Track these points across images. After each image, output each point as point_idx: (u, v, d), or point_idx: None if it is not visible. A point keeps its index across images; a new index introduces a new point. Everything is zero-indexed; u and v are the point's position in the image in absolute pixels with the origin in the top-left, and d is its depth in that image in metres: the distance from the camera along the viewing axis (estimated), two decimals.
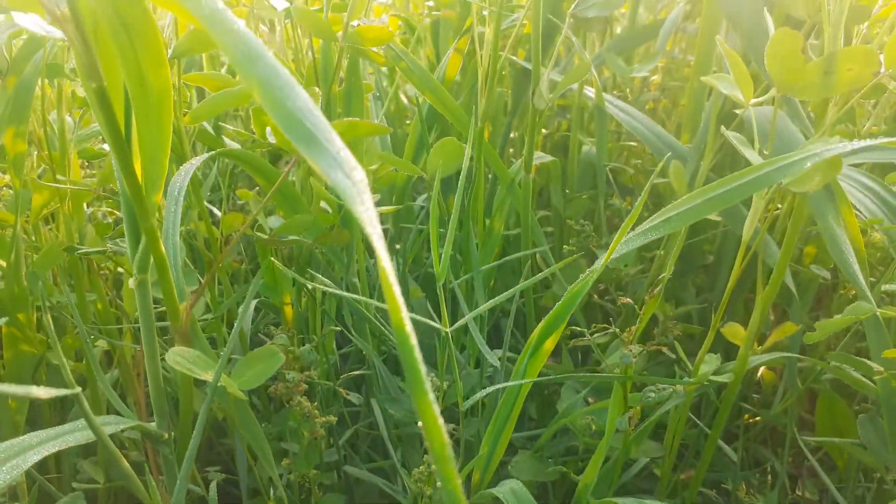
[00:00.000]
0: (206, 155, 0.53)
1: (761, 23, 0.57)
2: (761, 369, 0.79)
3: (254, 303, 0.81)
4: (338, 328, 0.63)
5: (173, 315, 0.44)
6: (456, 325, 0.48)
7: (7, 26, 0.54)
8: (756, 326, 0.52)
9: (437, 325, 0.47)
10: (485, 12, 0.61)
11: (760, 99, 0.47)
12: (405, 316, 0.21)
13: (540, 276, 0.50)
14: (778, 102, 0.46)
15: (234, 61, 0.27)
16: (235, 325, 0.47)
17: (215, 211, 0.83)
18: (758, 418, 0.77)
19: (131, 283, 0.43)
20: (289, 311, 0.81)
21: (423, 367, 0.23)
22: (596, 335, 0.56)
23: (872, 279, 0.69)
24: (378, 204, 0.82)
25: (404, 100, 1.07)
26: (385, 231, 0.85)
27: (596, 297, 0.83)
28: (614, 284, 0.76)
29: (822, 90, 0.43)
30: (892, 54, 0.42)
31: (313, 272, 0.78)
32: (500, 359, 0.65)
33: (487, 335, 0.73)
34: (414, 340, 0.21)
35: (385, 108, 0.73)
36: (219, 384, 0.42)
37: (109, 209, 0.86)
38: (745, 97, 0.45)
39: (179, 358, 0.41)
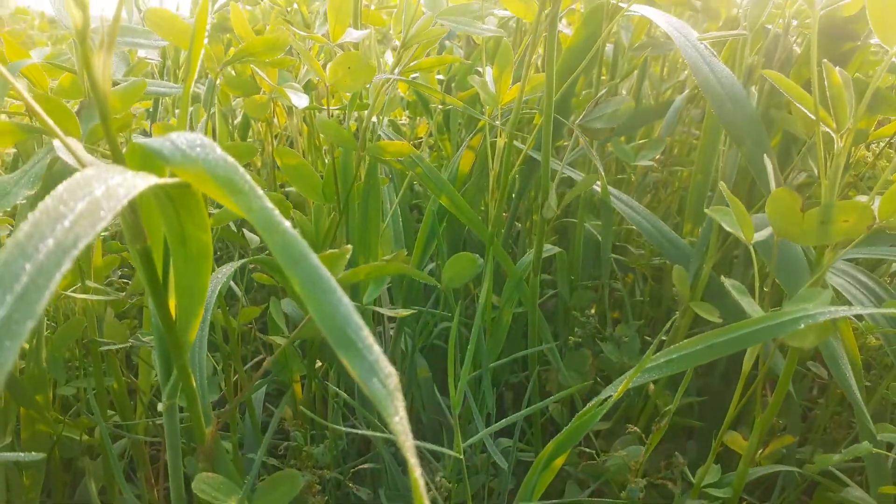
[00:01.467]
0: (234, 264, 0.55)
1: (762, 141, 0.60)
2: None
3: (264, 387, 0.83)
4: (351, 429, 0.65)
5: (199, 437, 0.45)
6: (468, 442, 0.50)
7: None
8: (756, 445, 0.54)
9: (449, 452, 0.49)
10: (496, 122, 0.63)
11: (762, 235, 0.49)
12: None
13: (546, 403, 0.52)
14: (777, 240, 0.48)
15: (278, 258, 0.29)
16: (258, 455, 0.49)
17: (234, 289, 0.85)
18: None
19: (160, 406, 0.45)
20: (298, 388, 0.83)
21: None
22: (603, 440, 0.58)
23: (868, 383, 0.71)
24: (389, 285, 0.84)
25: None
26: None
27: (597, 379, 0.85)
28: (617, 371, 0.78)
29: (819, 238, 0.45)
30: (885, 207, 0.44)
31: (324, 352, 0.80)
32: (508, 448, 0.67)
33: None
34: None
35: (400, 196, 0.76)
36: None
37: (125, 279, 0.88)
38: (745, 237, 0.48)
39: (205, 486, 0.42)
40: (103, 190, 0.27)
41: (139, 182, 0.29)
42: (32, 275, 0.23)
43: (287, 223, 0.30)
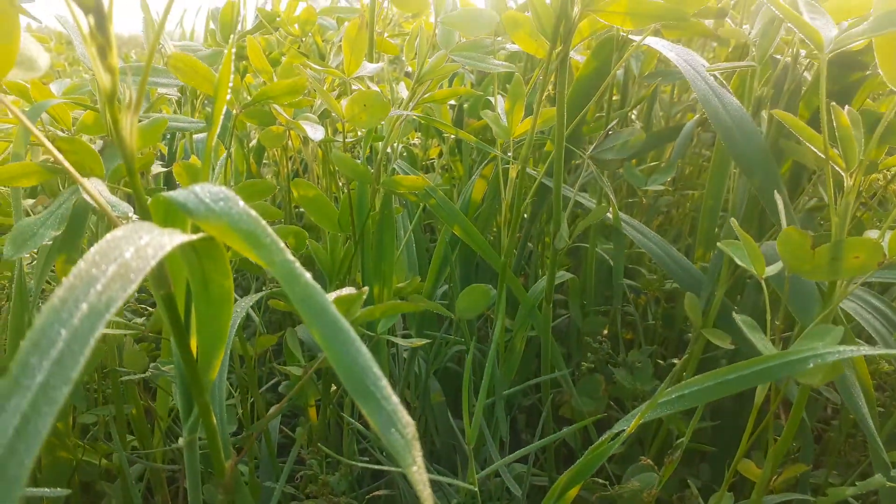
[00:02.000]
0: (252, 297, 0.56)
1: (772, 172, 0.61)
2: None
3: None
4: (366, 464, 0.66)
5: (219, 472, 0.46)
6: (482, 473, 0.51)
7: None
8: (769, 474, 0.54)
9: (464, 485, 0.49)
10: (508, 154, 0.64)
11: (773, 269, 0.50)
12: None
13: (560, 435, 0.53)
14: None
15: (299, 310, 0.30)
16: (278, 486, 0.50)
17: (251, 313, 0.86)
18: None
19: (180, 441, 0.46)
20: (312, 412, 0.84)
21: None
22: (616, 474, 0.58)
23: (881, 409, 0.71)
24: (404, 315, 0.85)
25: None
26: (407, 335, 0.87)
27: (611, 403, 0.85)
28: (630, 396, 0.79)
29: (830, 274, 0.46)
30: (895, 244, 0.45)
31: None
32: (522, 474, 0.68)
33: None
34: None
35: (414, 224, 0.77)
36: None
37: (142, 304, 0.89)
38: (757, 272, 0.48)
39: None
40: (132, 252, 0.28)
41: (166, 241, 0.30)
42: (68, 340, 0.24)
43: (308, 275, 0.32)
